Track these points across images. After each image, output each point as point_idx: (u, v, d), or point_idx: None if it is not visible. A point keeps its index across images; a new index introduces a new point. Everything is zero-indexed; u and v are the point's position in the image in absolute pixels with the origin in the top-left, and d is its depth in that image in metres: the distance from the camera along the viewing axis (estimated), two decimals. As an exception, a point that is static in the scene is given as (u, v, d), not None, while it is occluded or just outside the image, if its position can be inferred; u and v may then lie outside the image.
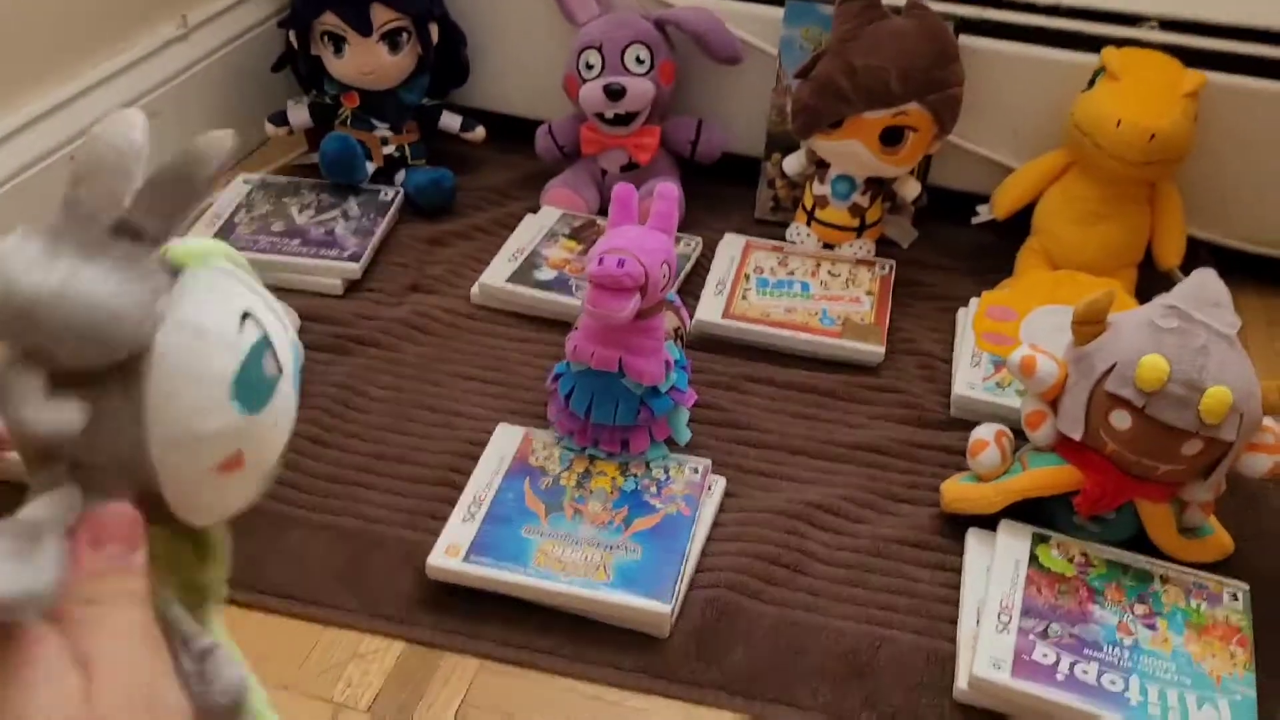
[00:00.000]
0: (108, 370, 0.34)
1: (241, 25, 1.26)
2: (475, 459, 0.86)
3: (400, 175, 1.20)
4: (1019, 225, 1.13)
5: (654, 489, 0.83)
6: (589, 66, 1.12)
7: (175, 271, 0.36)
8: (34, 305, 0.32)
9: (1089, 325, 0.77)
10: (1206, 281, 0.76)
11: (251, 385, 0.36)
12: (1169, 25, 1.09)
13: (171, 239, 0.36)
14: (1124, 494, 0.78)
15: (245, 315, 0.36)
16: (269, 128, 1.21)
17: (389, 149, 1.20)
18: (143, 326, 0.34)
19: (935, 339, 1.05)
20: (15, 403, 0.33)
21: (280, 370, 0.37)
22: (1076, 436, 0.77)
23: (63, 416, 0.33)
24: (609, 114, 1.12)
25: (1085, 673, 0.70)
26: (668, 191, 0.82)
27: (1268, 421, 0.75)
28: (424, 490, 0.86)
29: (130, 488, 0.35)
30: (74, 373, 0.33)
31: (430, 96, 1.22)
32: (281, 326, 0.38)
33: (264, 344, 0.36)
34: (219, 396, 0.35)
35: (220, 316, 0.35)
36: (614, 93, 1.10)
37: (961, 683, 0.72)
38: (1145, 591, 0.76)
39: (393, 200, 1.16)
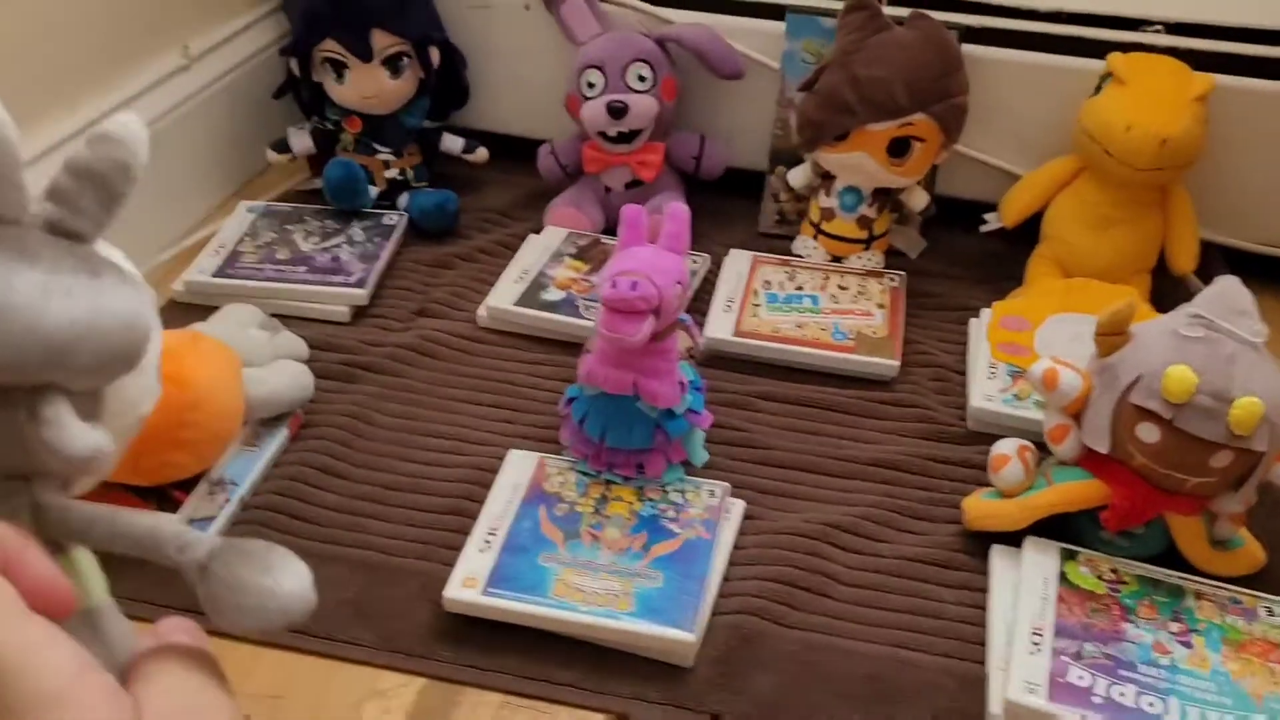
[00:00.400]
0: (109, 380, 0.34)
1: (243, 54, 1.25)
2: (488, 486, 0.85)
3: (403, 199, 1.19)
4: (1028, 233, 1.11)
5: (672, 513, 0.82)
6: (591, 85, 1.11)
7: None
8: (69, 338, 0.31)
9: (1112, 336, 0.76)
10: (1230, 289, 0.75)
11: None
12: (1174, 28, 1.08)
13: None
14: (1153, 508, 0.76)
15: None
16: (271, 155, 1.20)
17: (391, 173, 1.19)
18: (150, 333, 0.33)
19: (948, 350, 1.04)
20: (52, 432, 0.32)
21: None
22: (1103, 450, 0.76)
23: (99, 437, 0.32)
24: (612, 132, 1.11)
25: (1123, 695, 0.68)
26: (679, 212, 0.81)
27: (1297, 430, 0.74)
28: (437, 519, 0.85)
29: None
30: (84, 392, 0.33)
31: (431, 119, 1.21)
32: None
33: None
34: (154, 380, 0.35)
35: (143, 300, 0.35)
36: (617, 111, 1.09)
37: (994, 708, 0.70)
38: (1179, 608, 0.75)
39: (396, 224, 1.14)
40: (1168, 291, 1.06)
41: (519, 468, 0.86)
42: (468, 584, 0.76)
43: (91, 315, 0.31)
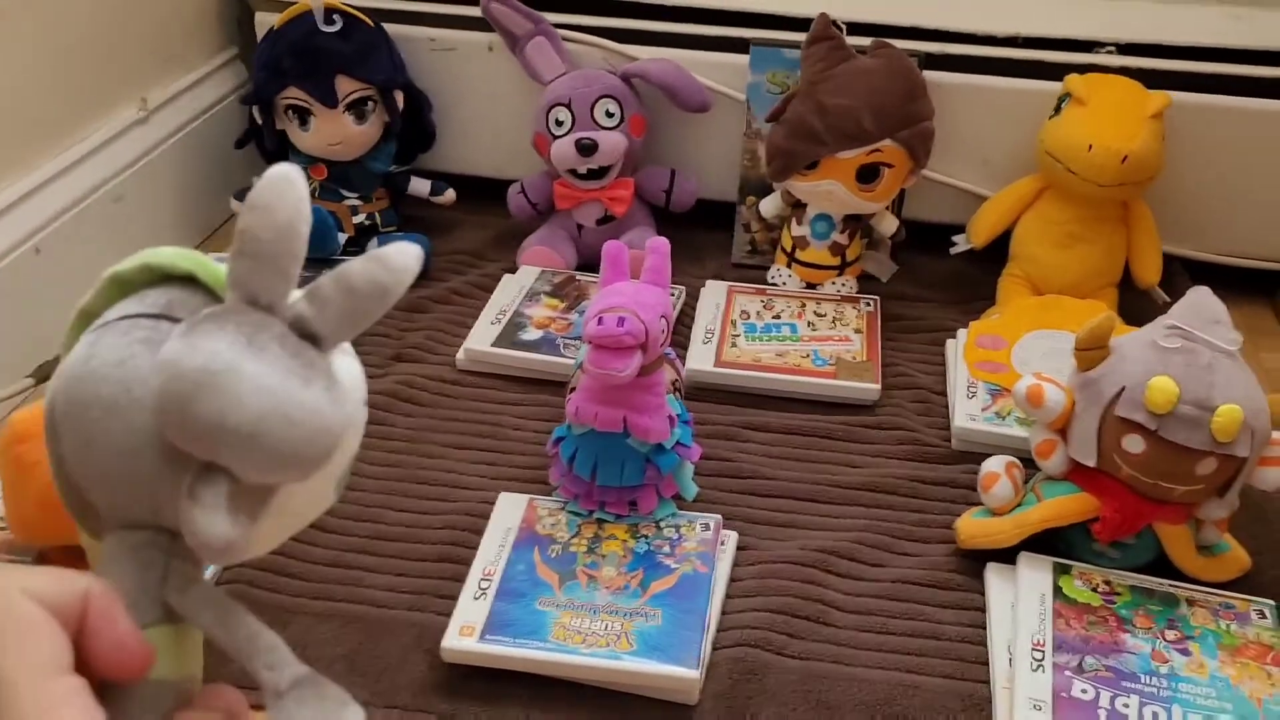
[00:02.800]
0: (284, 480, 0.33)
1: (202, 104, 1.24)
2: (478, 531, 0.84)
3: (373, 243, 1.18)
4: (996, 252, 1.13)
5: (667, 548, 0.82)
6: (559, 123, 1.12)
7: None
8: (238, 418, 0.30)
9: (1092, 350, 0.77)
10: (1203, 299, 0.76)
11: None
12: (1126, 49, 1.10)
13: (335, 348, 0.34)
14: (1142, 518, 0.77)
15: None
16: (235, 204, 1.19)
17: (359, 218, 1.18)
18: (337, 443, 0.32)
19: (927, 372, 1.05)
20: (201, 515, 0.32)
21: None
22: (1090, 463, 0.77)
23: (244, 532, 0.32)
24: (582, 169, 1.12)
25: (1127, 706, 0.69)
26: (660, 246, 0.81)
27: (1277, 434, 0.75)
28: (429, 568, 0.84)
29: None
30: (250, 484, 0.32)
31: (398, 163, 1.21)
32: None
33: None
34: (329, 488, 0.34)
35: (360, 414, 0.35)
36: (586, 148, 1.10)
37: (1002, 726, 0.70)
38: (1174, 616, 0.76)
39: (367, 270, 1.13)
40: (1134, 304, 1.08)
41: (509, 511, 0.85)
42: (464, 632, 0.75)
43: (281, 415, 0.31)
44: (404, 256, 0.34)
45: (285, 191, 0.33)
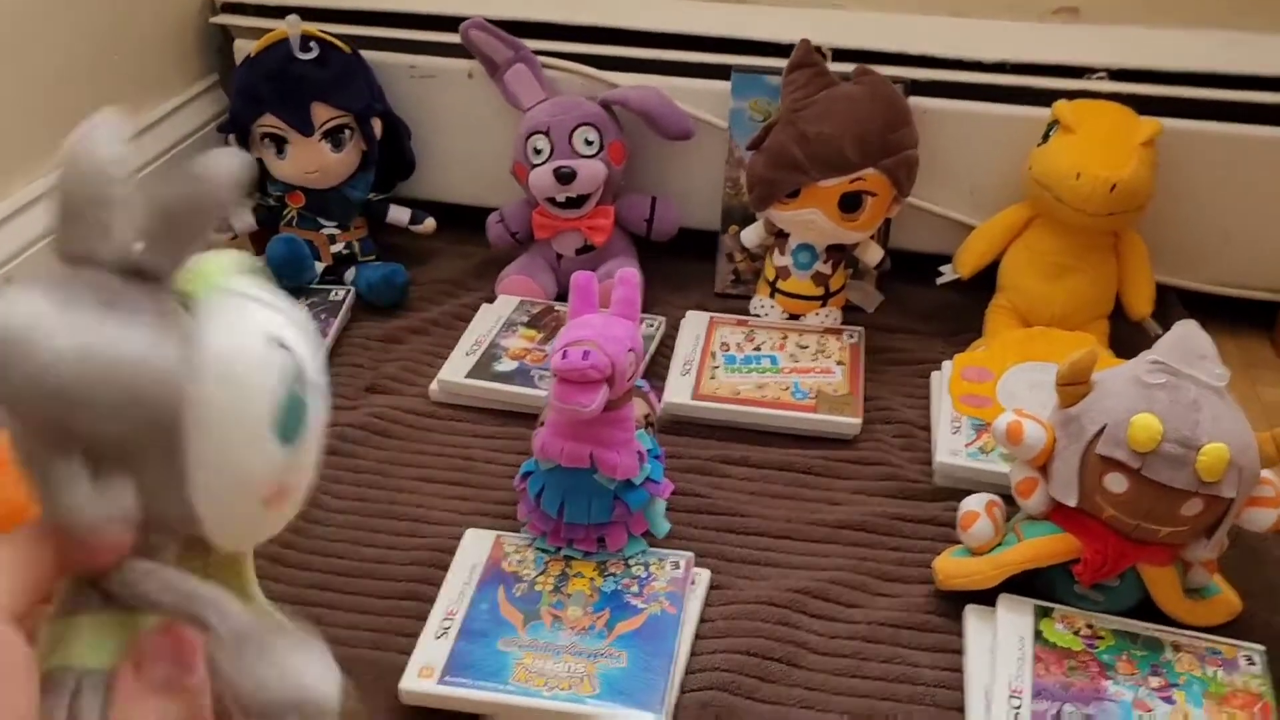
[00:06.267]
0: (141, 434, 0.30)
1: (182, 130, 1.23)
2: (445, 568, 0.82)
3: (350, 273, 1.16)
4: (984, 283, 1.11)
5: (635, 588, 0.79)
6: (537, 151, 1.10)
7: (185, 302, 0.32)
8: (55, 372, 0.28)
9: (1074, 386, 0.74)
10: (1189, 334, 0.74)
11: (290, 417, 0.32)
12: (1118, 75, 1.08)
13: (179, 273, 0.32)
14: (1125, 559, 0.74)
15: (272, 341, 0.32)
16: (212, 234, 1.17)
17: (337, 247, 1.16)
18: (178, 381, 0.30)
19: (911, 405, 1.02)
20: (58, 493, 0.30)
21: (312, 389, 0.34)
22: (1071, 503, 0.74)
23: (115, 503, 0.30)
24: (560, 198, 1.10)
25: (1106, 757, 0.66)
26: (629, 277, 0.79)
27: (1266, 474, 0.72)
28: (392, 606, 0.81)
29: (174, 539, 0.33)
30: (104, 444, 0.30)
31: (377, 191, 1.19)
32: (303, 335, 0.34)
33: (295, 370, 0.33)
34: (262, 439, 0.32)
35: (250, 353, 0.32)
36: (564, 176, 1.08)
37: (977, 776, 0.68)
38: (1158, 662, 0.73)
39: (344, 299, 1.12)
40: (1126, 336, 1.06)
41: (475, 547, 0.83)
42: (424, 674, 0.73)
43: (96, 358, 0.29)
44: (214, 163, 0.32)
45: (90, 140, 0.32)
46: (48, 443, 0.30)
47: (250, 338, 0.32)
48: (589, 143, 1.09)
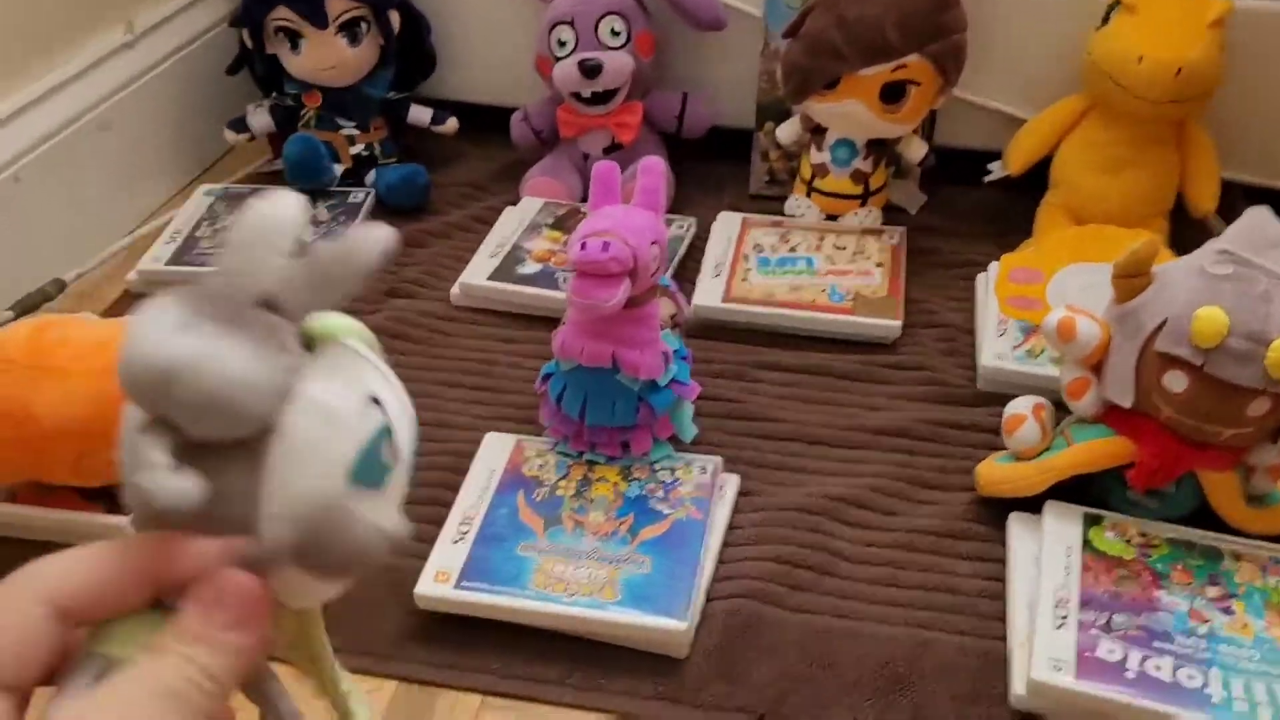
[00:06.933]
0: (231, 444, 0.34)
1: (193, 29, 1.18)
2: (464, 473, 0.79)
3: (370, 175, 1.12)
4: (1036, 181, 1.05)
5: (660, 493, 0.76)
6: (561, 44, 1.05)
7: (308, 346, 0.36)
8: (169, 374, 0.32)
9: (1132, 278, 0.69)
10: (1261, 221, 0.68)
11: (367, 469, 0.35)
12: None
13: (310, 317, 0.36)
14: (1183, 464, 0.70)
15: (371, 399, 0.35)
16: (229, 135, 1.14)
17: (357, 148, 1.12)
18: (273, 403, 0.33)
19: (955, 309, 0.97)
20: (139, 469, 0.33)
21: (396, 458, 0.37)
22: (1126, 404, 0.70)
23: (183, 487, 0.32)
24: (586, 93, 1.05)
25: (1158, 669, 0.62)
26: (652, 165, 0.75)
27: (1341, 372, 0.67)
28: (411, 511, 0.75)
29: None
30: (198, 444, 0.33)
31: (397, 90, 1.14)
32: (404, 410, 0.37)
33: (385, 431, 0.36)
34: (335, 482, 0.34)
35: (347, 399, 0.35)
36: (590, 69, 1.03)
37: (1018, 688, 0.64)
38: (1216, 571, 0.68)
39: (363, 202, 1.08)
40: (1187, 235, 0.99)
41: (495, 452, 0.80)
42: (440, 578, 0.70)
43: (204, 362, 0.32)
44: (370, 234, 0.36)
45: (278, 201, 0.36)
46: (144, 423, 0.33)
47: (351, 387, 0.35)
48: (615, 33, 1.04)
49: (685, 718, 0.66)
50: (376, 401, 0.36)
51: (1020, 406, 0.76)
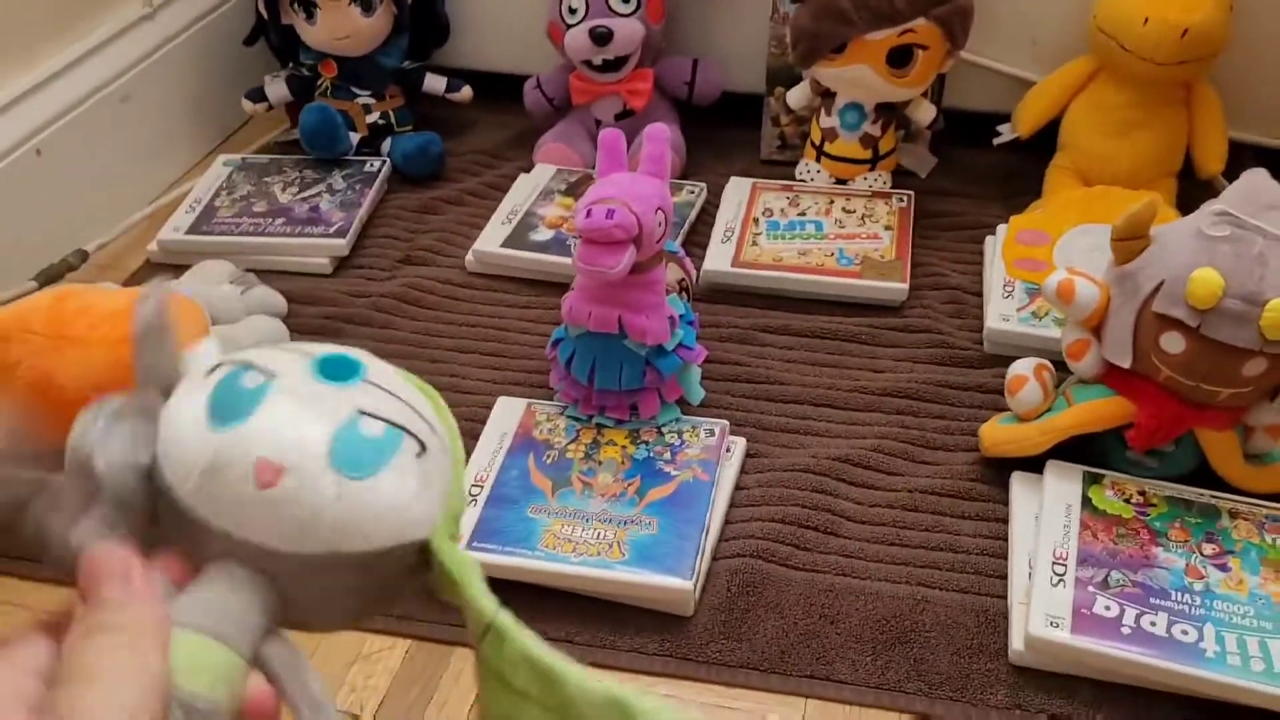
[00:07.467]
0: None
1: (210, 1, 1.20)
2: (478, 437, 0.81)
3: (386, 143, 1.14)
4: (1045, 143, 1.05)
5: (667, 455, 0.77)
6: (572, 11, 1.05)
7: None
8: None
9: (1131, 240, 0.70)
10: (1258, 183, 0.69)
11: (224, 406, 0.34)
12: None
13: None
14: (1182, 424, 0.71)
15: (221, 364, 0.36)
16: (247, 105, 1.15)
17: (373, 117, 1.14)
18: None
19: (963, 271, 0.98)
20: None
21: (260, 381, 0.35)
22: (1125, 364, 0.70)
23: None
24: (597, 60, 1.06)
25: (1154, 624, 0.63)
26: (657, 132, 0.76)
27: (1339, 332, 0.68)
28: (425, 474, 0.81)
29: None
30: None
31: (411, 59, 1.16)
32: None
33: (238, 371, 0.35)
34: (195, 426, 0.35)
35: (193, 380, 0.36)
36: (600, 36, 1.03)
37: (1017, 644, 0.66)
38: (1213, 529, 0.69)
39: (379, 170, 1.10)
40: (1195, 196, 0.99)
41: (506, 415, 0.81)
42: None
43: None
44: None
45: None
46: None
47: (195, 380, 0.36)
48: (626, 0, 1.04)
49: (691, 674, 0.68)
50: (250, 366, 0.35)
51: (1022, 368, 0.77)
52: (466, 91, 1.17)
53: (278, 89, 1.15)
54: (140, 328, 0.36)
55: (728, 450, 0.79)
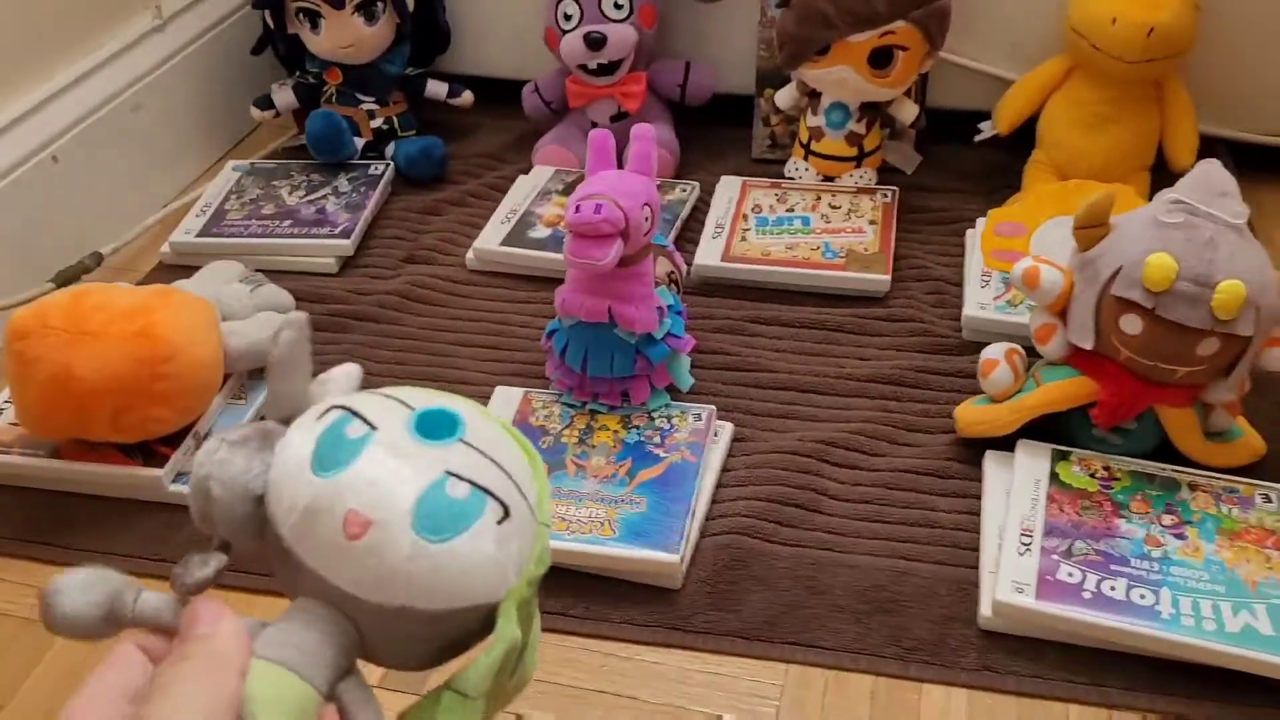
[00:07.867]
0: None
1: (218, 11, 1.24)
2: (478, 425, 0.84)
3: (390, 147, 1.18)
4: (1024, 139, 1.09)
5: (657, 439, 0.81)
6: (567, 17, 1.09)
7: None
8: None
9: (1091, 228, 0.74)
10: (1211, 172, 0.72)
11: (330, 454, 0.37)
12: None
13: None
14: (1142, 401, 0.74)
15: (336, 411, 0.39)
16: (255, 112, 1.20)
17: (377, 122, 1.18)
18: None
19: (945, 263, 1.02)
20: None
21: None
22: (1087, 346, 0.74)
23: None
24: (592, 64, 1.10)
25: (1113, 589, 0.67)
26: (643, 132, 0.80)
27: (1289, 313, 0.71)
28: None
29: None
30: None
31: (414, 65, 1.20)
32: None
33: (343, 420, 0.38)
34: (302, 470, 0.38)
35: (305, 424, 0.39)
36: (594, 42, 1.07)
37: (985, 610, 0.69)
38: (1173, 501, 0.73)
39: (383, 174, 1.14)
40: (1168, 188, 1.03)
41: (504, 404, 0.85)
42: (454, 519, 0.76)
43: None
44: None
45: None
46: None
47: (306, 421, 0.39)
48: (619, 6, 1.09)
49: (680, 643, 0.71)
50: (355, 415, 0.37)
51: (994, 352, 0.81)
52: (467, 96, 1.21)
53: (285, 96, 1.19)
54: (277, 357, 0.39)
55: (715, 434, 0.83)
